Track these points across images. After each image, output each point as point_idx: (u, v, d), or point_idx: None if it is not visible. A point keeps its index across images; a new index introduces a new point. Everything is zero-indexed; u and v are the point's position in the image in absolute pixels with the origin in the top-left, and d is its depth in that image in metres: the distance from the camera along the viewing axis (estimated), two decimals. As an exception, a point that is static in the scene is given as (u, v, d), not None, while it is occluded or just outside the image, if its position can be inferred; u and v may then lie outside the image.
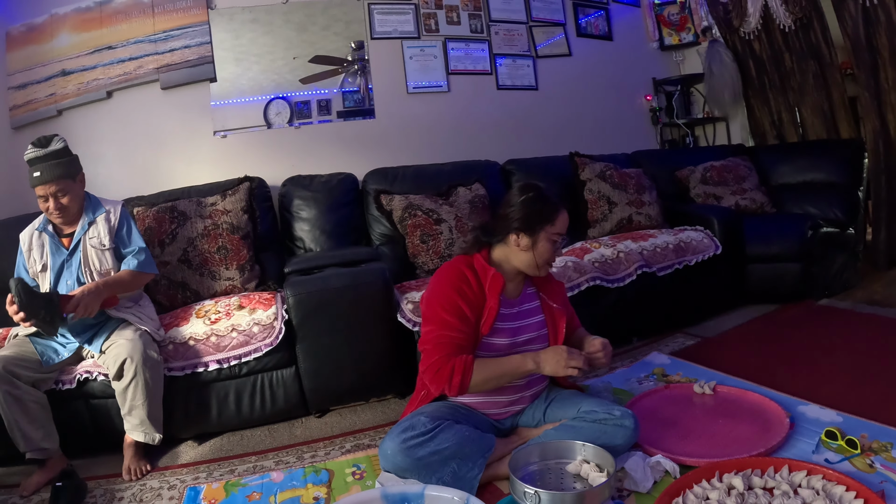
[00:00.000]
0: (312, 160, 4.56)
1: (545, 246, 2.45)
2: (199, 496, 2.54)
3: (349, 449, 2.90)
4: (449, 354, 2.32)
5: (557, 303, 2.63)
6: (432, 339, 2.38)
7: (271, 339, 3.14)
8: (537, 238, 2.44)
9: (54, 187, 2.91)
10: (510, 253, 2.50)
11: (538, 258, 2.45)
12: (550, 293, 2.65)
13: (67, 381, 2.94)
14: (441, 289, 2.46)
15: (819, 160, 5.06)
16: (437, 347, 2.35)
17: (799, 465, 2.14)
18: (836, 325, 3.87)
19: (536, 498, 1.94)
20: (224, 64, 4.52)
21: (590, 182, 4.59)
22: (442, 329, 2.37)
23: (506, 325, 2.51)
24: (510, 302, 2.55)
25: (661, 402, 2.92)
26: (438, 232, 3.95)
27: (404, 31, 4.97)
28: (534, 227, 2.43)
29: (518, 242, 2.46)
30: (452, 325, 2.37)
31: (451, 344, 2.34)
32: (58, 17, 4.29)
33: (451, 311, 2.39)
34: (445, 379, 2.30)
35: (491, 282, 2.44)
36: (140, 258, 3.10)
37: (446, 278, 2.47)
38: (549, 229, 2.44)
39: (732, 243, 4.30)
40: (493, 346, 2.48)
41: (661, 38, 6.22)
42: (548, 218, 2.44)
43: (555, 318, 2.60)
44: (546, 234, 2.44)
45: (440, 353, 2.33)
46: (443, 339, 2.36)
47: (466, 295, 2.41)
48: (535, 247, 2.44)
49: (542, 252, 2.45)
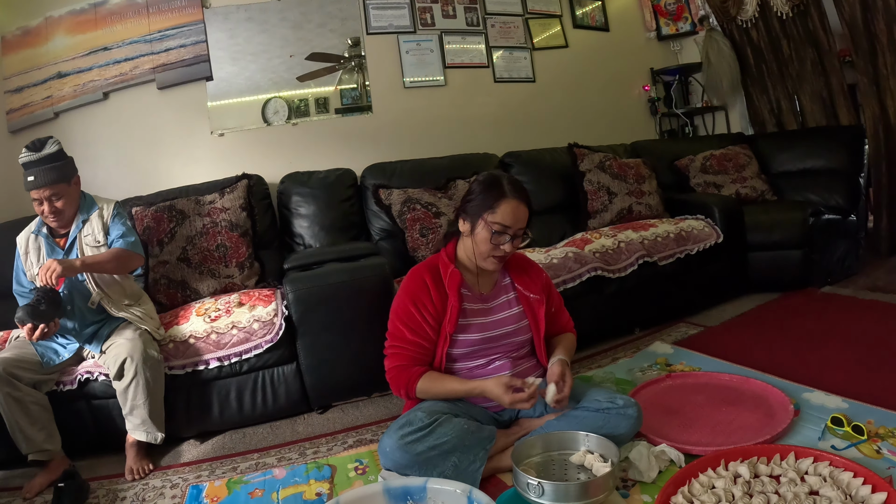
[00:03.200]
0: (310, 157, 4.54)
1: (482, 235, 2.38)
2: (202, 494, 2.54)
3: (351, 444, 2.89)
4: (402, 366, 2.45)
5: (535, 292, 2.59)
6: (390, 350, 2.52)
7: (272, 336, 3.14)
8: (476, 224, 2.40)
9: (48, 191, 2.90)
10: (465, 242, 2.51)
11: (476, 247, 2.43)
12: (527, 282, 2.61)
13: (68, 382, 2.94)
14: (400, 301, 2.52)
15: (819, 147, 5.04)
16: (392, 358, 2.49)
17: (805, 452, 2.12)
18: (838, 312, 3.85)
19: (540, 489, 1.93)
20: (220, 63, 4.50)
21: (589, 173, 4.57)
22: (398, 342, 2.48)
23: (475, 321, 2.50)
24: (481, 297, 2.55)
25: (664, 392, 2.91)
26: (438, 225, 3.95)
27: (400, 26, 4.95)
28: (474, 211, 2.41)
29: (463, 228, 2.48)
30: (406, 339, 2.46)
31: (404, 356, 2.46)
32: (52, 19, 4.27)
33: (406, 322, 2.46)
34: (398, 388, 2.47)
35: (449, 279, 2.46)
36: (129, 240, 3.06)
37: (405, 290, 2.52)
38: (487, 216, 2.36)
39: (733, 231, 4.28)
40: (464, 342, 2.48)
41: (659, 28, 6.20)
42: (487, 204, 2.37)
43: (533, 308, 2.58)
44: (484, 221, 2.37)
45: (394, 362, 2.47)
46: (398, 351, 2.48)
47: (424, 304, 2.45)
48: (474, 233, 2.42)
49: (480, 241, 2.40)
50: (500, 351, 2.53)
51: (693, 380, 3.00)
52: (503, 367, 2.51)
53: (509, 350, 2.55)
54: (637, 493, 2.14)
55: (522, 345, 2.60)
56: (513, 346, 2.56)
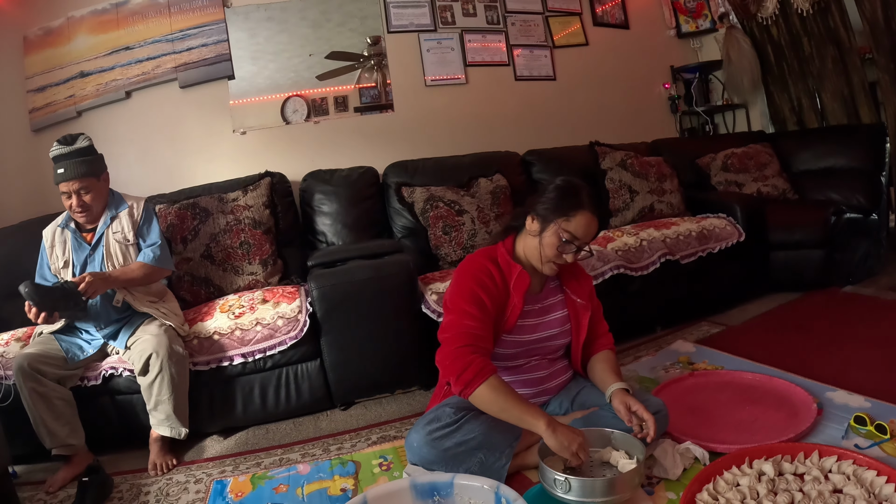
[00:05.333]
0: (332, 155, 4.57)
1: (551, 240, 2.33)
2: (226, 489, 2.56)
3: (375, 441, 2.90)
4: (467, 345, 2.22)
5: (583, 298, 2.54)
6: (451, 328, 2.31)
7: (296, 333, 3.15)
8: (547, 227, 2.34)
9: (78, 185, 2.93)
10: (526, 240, 2.44)
11: (542, 249, 2.36)
12: (576, 288, 2.56)
13: (93, 378, 2.97)
14: (462, 279, 2.40)
15: (840, 146, 5.00)
16: (456, 337, 2.26)
17: (829, 451, 2.12)
18: (861, 311, 3.83)
19: (567, 485, 1.93)
20: (241, 62, 4.53)
21: (610, 171, 4.58)
22: (461, 318, 2.29)
23: (528, 322, 2.48)
24: (533, 297, 2.51)
25: (687, 390, 2.90)
26: (461, 223, 3.96)
27: (421, 25, 4.96)
28: (548, 214, 2.34)
29: (531, 227, 2.40)
30: (471, 315, 2.29)
31: (469, 334, 2.25)
32: (74, 19, 4.31)
33: (470, 300, 2.32)
34: (456, 372, 2.19)
35: (516, 280, 2.39)
36: (157, 253, 3.11)
37: (467, 271, 2.42)
38: (561, 223, 2.31)
39: (755, 230, 4.26)
40: (513, 343, 2.46)
41: (678, 26, 6.17)
42: (564, 210, 2.32)
43: (578, 314, 2.54)
44: (557, 227, 2.32)
45: (458, 342, 2.24)
46: (461, 329, 2.27)
47: (488, 287, 2.35)
48: (542, 235, 2.35)
49: (547, 245, 2.34)
50: (539, 353, 2.53)
51: (716, 378, 3.00)
52: (539, 366, 2.53)
53: (547, 352, 2.55)
54: (662, 490, 2.14)
55: (560, 348, 2.59)
56: (552, 349, 2.56)
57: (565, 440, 2.08)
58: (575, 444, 2.08)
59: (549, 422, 2.12)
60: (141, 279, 3.06)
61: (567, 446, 2.07)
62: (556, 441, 2.08)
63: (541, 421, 2.12)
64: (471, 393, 2.18)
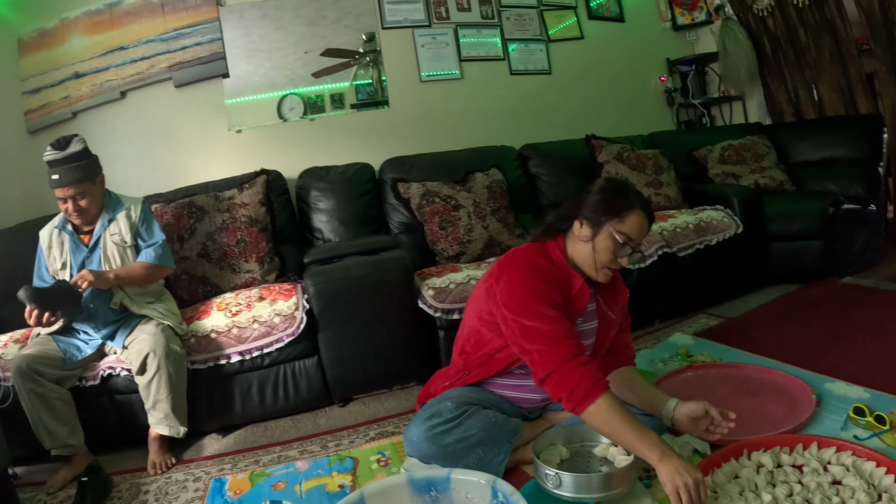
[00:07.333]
0: (328, 152, 4.56)
1: (605, 243, 2.20)
2: (225, 487, 2.55)
3: (373, 437, 2.90)
4: (574, 357, 2.00)
5: (615, 312, 2.44)
6: (538, 337, 2.07)
7: (293, 330, 3.15)
8: (599, 230, 2.22)
9: (73, 190, 2.92)
10: (575, 246, 2.30)
11: (596, 255, 2.23)
12: (610, 300, 2.44)
13: (91, 378, 2.96)
14: (529, 281, 2.18)
15: (838, 136, 5.00)
16: (553, 349, 2.03)
17: (828, 442, 2.12)
18: (859, 302, 3.82)
19: (557, 479, 1.93)
20: (236, 61, 4.51)
21: (607, 164, 4.58)
22: (545, 324, 2.06)
23: None
24: None
25: (686, 382, 2.90)
26: (457, 218, 3.95)
27: (415, 20, 4.94)
28: (598, 217, 2.22)
29: (580, 232, 2.27)
30: (557, 318, 2.09)
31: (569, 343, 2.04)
32: (69, 20, 4.30)
33: (541, 300, 2.12)
34: (568, 388, 1.98)
35: (578, 292, 2.26)
36: (158, 252, 3.11)
37: (529, 268, 2.23)
38: (615, 224, 2.19)
39: (753, 222, 4.27)
40: None
41: (674, 18, 6.16)
42: (616, 211, 2.21)
43: (608, 327, 2.43)
44: (610, 228, 2.19)
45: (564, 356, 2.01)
46: (552, 336, 2.05)
47: (557, 288, 2.20)
48: (595, 240, 2.22)
49: (601, 249, 2.21)
50: None
51: (715, 370, 3.00)
52: None
53: None
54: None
55: None
56: None
57: (679, 479, 1.79)
58: (692, 482, 1.79)
59: (664, 453, 1.86)
60: (143, 278, 3.07)
61: (681, 485, 1.79)
62: (668, 477, 1.81)
63: (654, 452, 1.87)
64: (583, 410, 1.97)
